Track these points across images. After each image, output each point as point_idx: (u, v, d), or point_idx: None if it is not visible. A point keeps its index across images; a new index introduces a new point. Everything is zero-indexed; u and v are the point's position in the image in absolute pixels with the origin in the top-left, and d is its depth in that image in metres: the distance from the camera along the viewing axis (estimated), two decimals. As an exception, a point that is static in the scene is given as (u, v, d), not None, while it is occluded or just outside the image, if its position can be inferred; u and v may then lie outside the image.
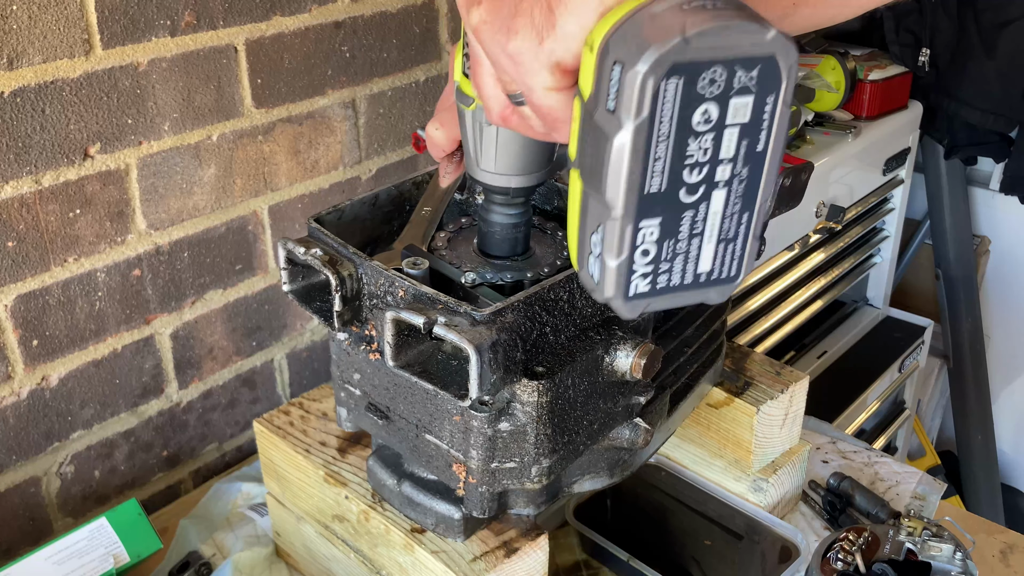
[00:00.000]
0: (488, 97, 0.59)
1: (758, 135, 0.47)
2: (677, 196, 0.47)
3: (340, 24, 1.27)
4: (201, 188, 1.19)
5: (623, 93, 0.44)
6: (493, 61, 0.54)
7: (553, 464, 0.77)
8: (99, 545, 1.01)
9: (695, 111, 0.45)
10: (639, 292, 0.49)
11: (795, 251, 1.88)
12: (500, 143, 0.70)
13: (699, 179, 0.47)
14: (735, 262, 0.51)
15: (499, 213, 0.77)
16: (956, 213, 2.33)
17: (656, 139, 0.45)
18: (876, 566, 0.87)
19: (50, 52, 1.00)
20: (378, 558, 0.89)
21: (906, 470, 1.19)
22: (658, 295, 0.50)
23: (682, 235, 0.48)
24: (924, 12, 2.03)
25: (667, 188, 0.47)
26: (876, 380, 2.11)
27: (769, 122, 0.46)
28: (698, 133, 0.45)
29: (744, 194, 0.49)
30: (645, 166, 0.45)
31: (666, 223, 0.48)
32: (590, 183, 0.48)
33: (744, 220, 0.50)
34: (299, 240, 0.78)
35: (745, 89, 0.45)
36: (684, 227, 0.48)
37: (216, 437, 1.33)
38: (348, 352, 0.82)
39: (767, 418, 1.01)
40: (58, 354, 1.11)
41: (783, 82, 0.45)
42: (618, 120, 0.44)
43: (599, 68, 0.46)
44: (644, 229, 0.47)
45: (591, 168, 0.47)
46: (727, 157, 0.47)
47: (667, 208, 0.47)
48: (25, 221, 1.04)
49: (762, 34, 0.44)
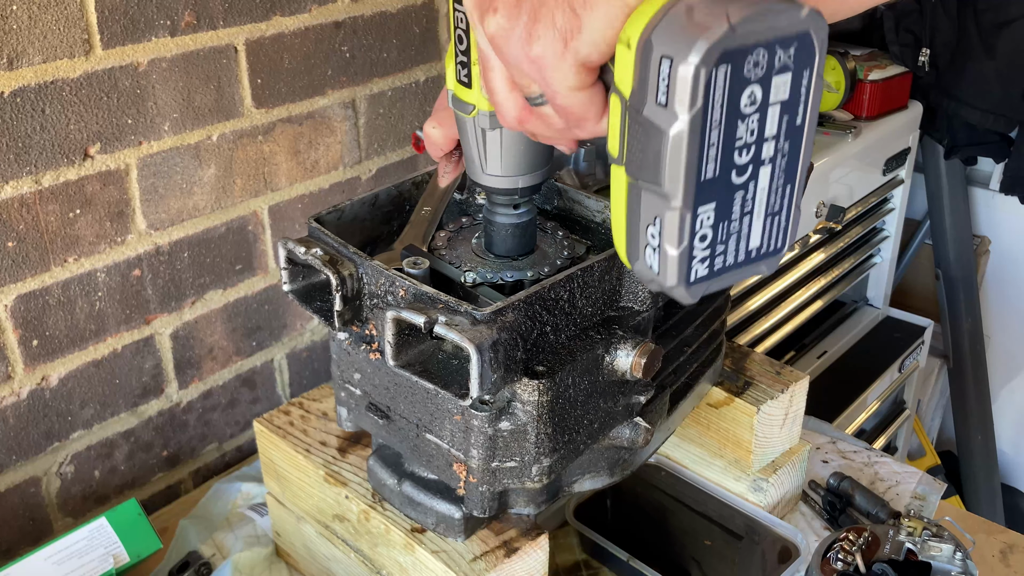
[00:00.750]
0: (502, 101, 0.59)
1: (797, 109, 0.49)
2: (729, 178, 0.49)
3: (340, 24, 1.27)
4: (201, 188, 1.19)
5: (675, 86, 0.45)
6: (512, 66, 0.55)
7: (553, 463, 0.77)
8: (99, 545, 1.01)
9: (743, 95, 0.46)
10: (699, 277, 0.51)
11: (795, 251, 1.88)
12: (505, 146, 0.71)
13: (748, 159, 0.49)
14: (781, 234, 0.53)
15: (508, 214, 0.78)
16: (956, 213, 2.33)
17: (710, 127, 0.46)
18: (876, 566, 0.87)
19: (50, 52, 1.00)
20: (378, 558, 0.89)
21: (906, 470, 1.19)
22: (716, 277, 0.52)
23: (735, 215, 0.50)
24: (924, 12, 2.03)
25: (720, 172, 0.48)
26: (876, 380, 2.11)
27: (806, 96, 0.49)
28: (745, 115, 0.47)
29: (787, 168, 0.51)
30: (701, 154, 0.47)
31: (720, 206, 0.49)
32: (643, 177, 0.49)
33: (787, 192, 0.52)
34: (299, 240, 0.78)
35: (785, 67, 0.47)
36: (736, 207, 0.50)
37: (216, 437, 1.33)
38: (348, 352, 0.82)
39: (767, 418, 1.01)
40: (58, 354, 1.11)
41: (816, 56, 0.47)
42: (672, 113, 0.46)
43: (642, 64, 0.47)
44: (702, 215, 0.49)
45: (642, 163, 0.49)
46: (771, 135, 0.49)
47: (721, 191, 0.49)
48: (25, 221, 1.04)
49: (798, 12, 0.46)
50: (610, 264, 0.77)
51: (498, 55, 0.55)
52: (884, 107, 2.03)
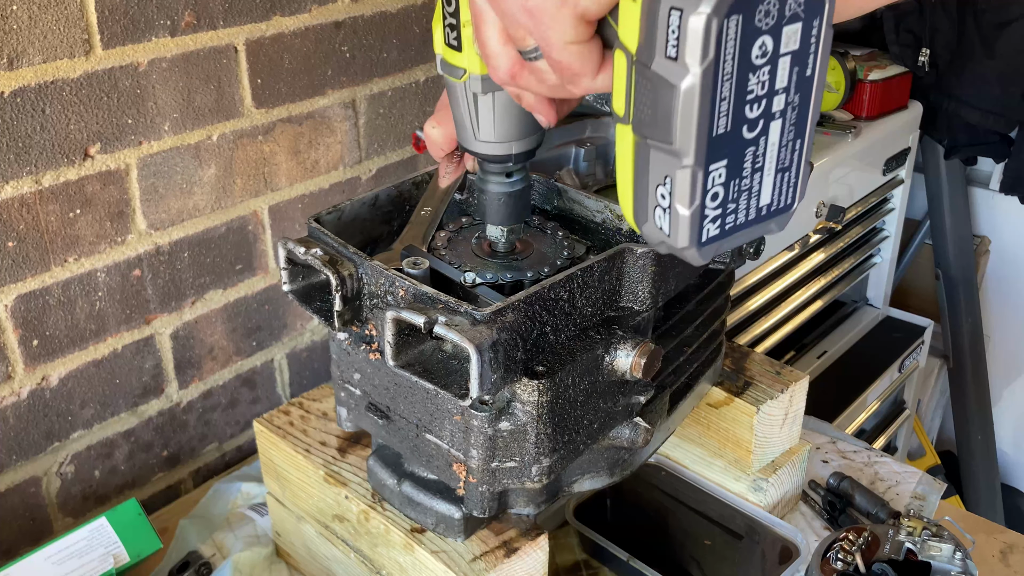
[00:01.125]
0: (494, 55, 0.57)
1: (807, 60, 0.48)
2: (740, 133, 0.48)
3: (340, 24, 1.27)
4: (201, 188, 1.19)
5: (686, 38, 0.44)
6: (507, 16, 0.53)
7: (553, 463, 0.77)
8: (99, 545, 1.01)
9: (754, 45, 0.45)
10: (711, 236, 0.50)
11: (795, 251, 1.88)
12: (498, 110, 0.69)
13: (759, 113, 0.47)
14: (791, 189, 0.52)
15: (502, 183, 0.76)
16: (956, 213, 2.33)
17: (722, 80, 0.45)
18: (876, 566, 0.87)
19: (50, 52, 1.00)
20: (378, 558, 0.89)
21: (906, 470, 1.19)
22: (727, 236, 0.51)
23: (745, 172, 0.49)
24: (924, 12, 2.03)
25: (731, 127, 0.47)
26: (876, 380, 2.11)
27: (815, 45, 0.47)
28: (756, 67, 0.46)
29: (796, 121, 0.49)
30: (713, 108, 0.46)
31: (732, 162, 0.48)
32: (652, 135, 0.48)
33: (797, 147, 0.51)
34: (299, 240, 0.78)
35: (795, 16, 0.46)
36: (747, 163, 0.49)
37: (216, 437, 1.33)
38: (348, 352, 0.82)
39: (767, 418, 1.01)
40: (58, 354, 1.11)
41: (827, 3, 0.46)
42: (683, 66, 0.44)
43: (649, 17, 0.45)
44: (713, 172, 0.48)
45: (651, 120, 0.47)
46: (782, 87, 0.48)
47: (732, 147, 0.48)
48: (25, 221, 1.04)
49: None
50: (610, 264, 0.77)
51: (493, 6, 0.54)
52: (884, 107, 2.03)
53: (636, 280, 0.78)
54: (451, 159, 0.83)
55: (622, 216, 0.85)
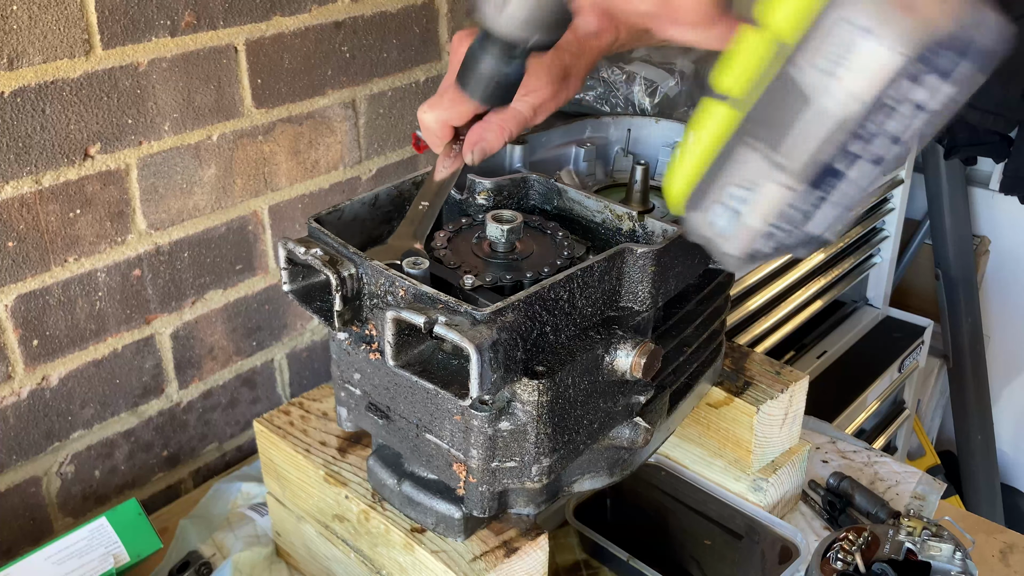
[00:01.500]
0: None
1: (935, 122, 0.44)
2: (833, 164, 0.44)
3: (340, 24, 1.27)
4: (201, 188, 1.19)
5: (855, 62, 0.40)
6: None
7: (553, 463, 0.77)
8: (99, 545, 1.01)
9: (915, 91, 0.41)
10: (760, 252, 0.47)
11: (795, 251, 1.88)
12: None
13: (858, 151, 0.44)
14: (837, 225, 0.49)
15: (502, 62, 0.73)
16: (956, 213, 2.33)
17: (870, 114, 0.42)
18: (876, 566, 0.87)
19: (50, 52, 1.00)
20: (378, 558, 0.89)
21: (906, 470, 1.19)
22: (769, 255, 0.48)
23: (818, 200, 0.46)
24: (924, 12, 2.03)
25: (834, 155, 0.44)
26: (876, 380, 2.11)
27: (945, 116, 0.44)
28: (892, 110, 0.42)
29: (883, 171, 0.46)
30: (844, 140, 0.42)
31: (814, 188, 0.45)
32: (758, 134, 0.44)
33: (859, 191, 0.47)
34: (299, 240, 0.78)
35: (958, 79, 0.42)
36: (824, 193, 0.46)
37: (216, 437, 1.33)
38: (348, 352, 0.82)
39: (767, 418, 1.01)
40: (58, 354, 1.11)
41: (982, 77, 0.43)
42: (833, 87, 0.40)
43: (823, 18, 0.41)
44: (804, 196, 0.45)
45: (766, 120, 0.44)
46: (896, 135, 0.43)
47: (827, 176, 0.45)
48: (25, 221, 1.04)
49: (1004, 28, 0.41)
50: (610, 264, 0.77)
51: None
52: (884, 107, 2.03)
53: (636, 280, 0.78)
54: (450, 152, 0.82)
55: (622, 216, 0.85)
